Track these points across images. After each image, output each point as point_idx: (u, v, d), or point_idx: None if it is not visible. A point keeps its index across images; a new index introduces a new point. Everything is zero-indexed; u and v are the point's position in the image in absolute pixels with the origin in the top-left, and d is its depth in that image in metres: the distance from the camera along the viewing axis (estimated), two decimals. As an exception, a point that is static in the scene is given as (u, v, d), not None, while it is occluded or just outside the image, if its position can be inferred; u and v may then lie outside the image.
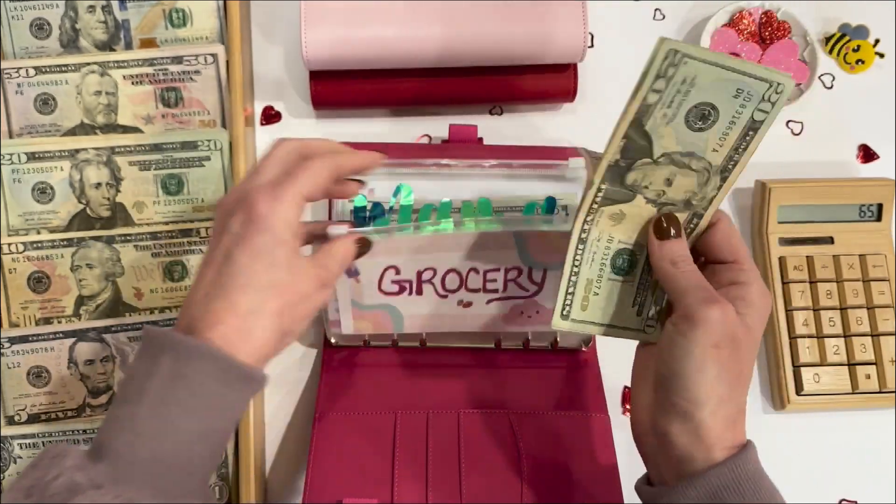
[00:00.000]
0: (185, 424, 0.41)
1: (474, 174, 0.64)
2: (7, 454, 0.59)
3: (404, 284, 0.57)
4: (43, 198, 0.64)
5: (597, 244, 0.47)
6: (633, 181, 0.45)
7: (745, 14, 0.73)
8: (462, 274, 0.56)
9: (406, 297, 0.58)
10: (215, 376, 0.41)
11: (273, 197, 0.44)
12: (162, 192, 0.64)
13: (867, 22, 0.74)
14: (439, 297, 0.58)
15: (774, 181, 0.67)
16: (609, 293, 0.48)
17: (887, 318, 0.66)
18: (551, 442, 0.60)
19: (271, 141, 0.48)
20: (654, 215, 0.46)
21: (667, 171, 0.44)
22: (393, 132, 0.71)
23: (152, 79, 0.65)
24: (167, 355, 0.41)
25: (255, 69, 0.72)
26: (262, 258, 0.43)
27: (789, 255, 0.67)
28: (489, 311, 0.59)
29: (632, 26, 0.75)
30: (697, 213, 0.46)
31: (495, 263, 0.56)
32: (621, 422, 0.64)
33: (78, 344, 0.61)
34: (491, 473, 0.58)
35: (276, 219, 0.43)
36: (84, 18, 0.67)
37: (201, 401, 0.41)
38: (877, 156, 0.73)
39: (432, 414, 0.60)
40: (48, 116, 0.65)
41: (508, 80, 0.68)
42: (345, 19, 0.64)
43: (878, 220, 0.68)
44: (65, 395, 0.61)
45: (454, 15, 0.64)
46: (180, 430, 0.41)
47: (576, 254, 0.47)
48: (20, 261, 0.62)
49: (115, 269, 0.63)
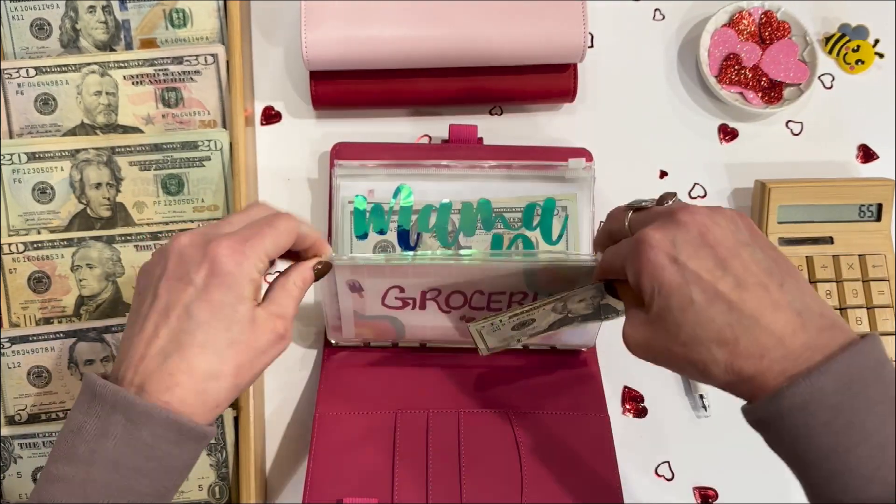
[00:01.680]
0: (139, 487, 0.41)
1: (474, 175, 0.64)
2: (7, 454, 0.59)
3: (408, 301, 0.57)
4: (43, 198, 0.64)
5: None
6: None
7: (745, 14, 0.73)
8: (467, 294, 0.57)
9: (409, 310, 0.58)
10: (171, 439, 0.41)
11: (240, 253, 0.43)
12: (162, 192, 0.64)
13: (867, 22, 0.74)
14: (442, 311, 0.58)
15: (774, 181, 0.68)
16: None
17: (887, 318, 0.66)
18: (551, 442, 0.60)
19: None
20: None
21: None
22: (393, 132, 0.71)
23: (152, 79, 0.65)
24: (120, 415, 0.40)
25: (255, 69, 0.72)
26: (222, 316, 0.43)
27: (789, 255, 0.66)
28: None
29: (632, 26, 0.75)
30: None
31: (502, 288, 0.56)
32: (621, 422, 0.64)
33: (78, 344, 0.61)
34: (491, 473, 0.58)
35: (241, 276, 0.43)
36: (84, 19, 0.67)
37: (157, 463, 0.41)
38: (876, 156, 0.73)
39: (432, 414, 0.60)
40: (48, 116, 0.65)
41: (508, 80, 0.68)
42: (345, 19, 0.64)
43: (877, 220, 0.68)
44: (65, 394, 0.61)
45: (454, 15, 0.65)
46: (134, 492, 0.41)
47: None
48: (20, 261, 0.62)
49: (116, 269, 0.63)
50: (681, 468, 0.64)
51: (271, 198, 0.69)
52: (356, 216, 0.63)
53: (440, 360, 0.64)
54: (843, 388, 0.39)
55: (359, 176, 0.64)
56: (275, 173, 0.70)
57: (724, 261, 0.43)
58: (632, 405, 0.65)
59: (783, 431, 0.40)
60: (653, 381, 0.66)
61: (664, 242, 0.44)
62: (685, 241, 0.43)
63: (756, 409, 0.41)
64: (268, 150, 0.70)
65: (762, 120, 0.73)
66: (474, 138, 0.67)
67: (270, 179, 0.69)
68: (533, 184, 0.63)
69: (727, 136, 0.73)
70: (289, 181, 0.70)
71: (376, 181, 0.64)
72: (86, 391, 0.42)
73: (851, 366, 0.39)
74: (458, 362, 0.64)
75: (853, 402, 0.39)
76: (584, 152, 0.66)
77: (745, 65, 0.72)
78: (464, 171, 0.64)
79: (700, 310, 0.42)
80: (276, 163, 0.70)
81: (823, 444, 0.39)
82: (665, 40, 0.75)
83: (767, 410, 0.40)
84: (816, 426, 0.39)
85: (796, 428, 0.40)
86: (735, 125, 0.73)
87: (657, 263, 0.43)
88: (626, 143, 0.71)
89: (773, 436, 0.41)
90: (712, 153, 0.72)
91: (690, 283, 0.43)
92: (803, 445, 0.39)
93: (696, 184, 0.71)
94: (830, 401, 0.39)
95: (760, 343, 0.41)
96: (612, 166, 0.69)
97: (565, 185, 0.64)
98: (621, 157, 0.70)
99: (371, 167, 0.64)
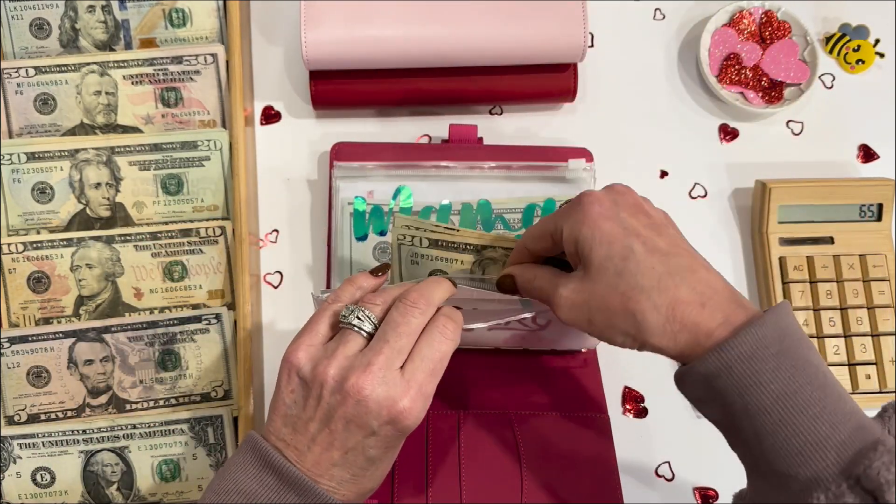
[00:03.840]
0: None
1: (474, 175, 0.64)
2: (7, 454, 0.59)
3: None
4: (43, 198, 0.64)
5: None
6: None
7: (746, 14, 0.73)
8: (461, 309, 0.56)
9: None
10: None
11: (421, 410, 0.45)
12: (162, 192, 0.64)
13: (867, 22, 0.74)
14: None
15: (774, 181, 0.67)
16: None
17: (887, 318, 0.66)
18: (551, 442, 0.60)
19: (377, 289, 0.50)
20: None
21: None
22: (393, 132, 0.71)
23: (152, 79, 0.65)
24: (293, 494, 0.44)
25: (255, 69, 0.72)
26: (395, 452, 0.47)
27: (789, 255, 0.67)
28: (490, 335, 0.59)
29: (632, 26, 0.75)
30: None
31: (499, 314, 0.56)
32: (622, 422, 0.64)
33: (78, 344, 0.61)
34: (491, 473, 0.58)
35: (416, 422, 0.45)
36: (84, 18, 0.67)
37: None
38: (877, 156, 0.73)
39: (432, 414, 0.60)
40: (48, 116, 0.65)
41: (508, 80, 0.68)
42: (345, 19, 0.64)
43: (878, 220, 0.68)
44: (64, 395, 0.61)
45: (454, 15, 0.64)
46: None
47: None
48: (20, 261, 0.62)
49: (115, 269, 0.63)
50: (681, 468, 0.64)
51: (271, 198, 0.69)
52: (356, 217, 0.63)
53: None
54: (781, 338, 0.42)
55: (358, 177, 0.64)
56: (274, 173, 0.70)
57: (657, 227, 0.47)
58: (632, 405, 0.65)
59: (731, 383, 0.42)
60: (653, 381, 0.65)
61: (605, 200, 0.47)
62: (624, 204, 0.47)
63: (705, 361, 0.43)
64: (267, 150, 0.70)
65: (762, 120, 0.73)
66: (474, 138, 0.67)
67: (270, 179, 0.69)
68: (533, 184, 0.63)
69: (727, 136, 0.73)
70: (288, 181, 0.69)
71: (376, 182, 0.64)
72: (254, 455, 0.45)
73: (781, 321, 0.42)
74: (458, 362, 0.63)
75: (792, 349, 0.42)
76: (584, 152, 0.66)
77: (746, 64, 0.72)
78: (463, 171, 0.64)
79: (641, 259, 0.45)
80: (275, 163, 0.70)
81: (773, 390, 0.41)
82: (665, 40, 0.75)
83: (717, 363, 0.42)
84: (765, 372, 0.41)
85: (746, 377, 0.42)
86: (735, 125, 0.73)
87: (599, 214, 0.46)
88: (626, 143, 0.71)
89: (716, 392, 0.43)
90: (713, 153, 0.72)
91: (630, 234, 0.45)
92: (754, 393, 0.41)
93: (697, 184, 0.71)
94: (773, 349, 0.41)
95: (699, 291, 0.44)
96: (612, 166, 0.69)
97: (565, 185, 0.64)
98: (621, 157, 0.70)
99: (370, 168, 0.64)
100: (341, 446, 0.45)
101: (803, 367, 0.41)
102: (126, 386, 0.61)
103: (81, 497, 0.60)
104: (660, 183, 0.71)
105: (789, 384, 0.41)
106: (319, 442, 0.45)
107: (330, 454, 0.45)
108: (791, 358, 0.41)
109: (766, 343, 0.42)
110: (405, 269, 0.54)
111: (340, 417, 0.44)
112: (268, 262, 0.68)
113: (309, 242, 0.68)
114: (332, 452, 0.45)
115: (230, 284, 0.63)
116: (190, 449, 0.60)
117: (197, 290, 0.63)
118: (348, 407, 0.44)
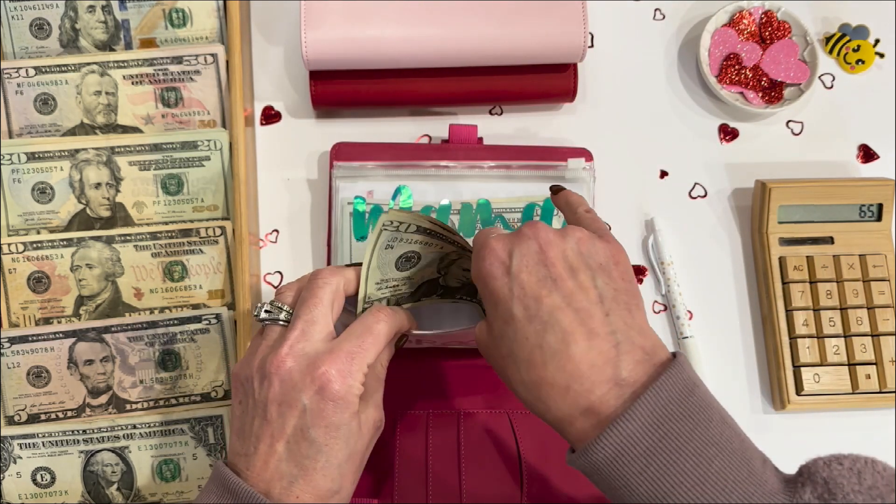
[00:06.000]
0: None
1: (474, 175, 0.64)
2: (7, 454, 0.59)
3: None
4: (43, 198, 0.64)
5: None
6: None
7: (745, 14, 0.73)
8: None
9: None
10: None
11: (348, 375, 0.44)
12: (162, 192, 0.64)
13: (867, 22, 0.74)
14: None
15: (774, 181, 0.67)
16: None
17: (887, 318, 0.66)
18: (551, 442, 0.60)
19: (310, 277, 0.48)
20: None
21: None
22: (393, 132, 0.71)
23: (152, 79, 0.65)
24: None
25: (254, 69, 0.72)
26: (338, 436, 0.44)
27: (789, 255, 0.67)
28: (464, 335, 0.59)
29: (632, 26, 0.75)
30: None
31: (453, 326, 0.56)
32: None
33: (78, 344, 0.61)
34: (491, 473, 0.58)
35: (350, 394, 0.44)
36: (84, 18, 0.67)
37: None
38: (877, 156, 0.73)
39: (432, 414, 0.60)
40: (48, 116, 0.65)
41: (508, 80, 0.68)
42: (345, 19, 0.64)
43: (878, 220, 0.68)
44: (64, 395, 0.61)
45: (454, 15, 0.64)
46: None
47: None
48: (20, 261, 0.62)
49: (115, 269, 0.63)
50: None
51: (271, 198, 0.69)
52: (356, 218, 0.63)
53: (440, 360, 0.64)
54: (651, 430, 0.38)
55: (358, 177, 0.64)
56: (274, 173, 0.70)
57: (556, 279, 0.43)
58: (632, 405, 0.65)
59: (602, 483, 0.40)
60: (653, 381, 0.65)
61: (501, 252, 0.44)
62: (522, 254, 0.44)
63: (575, 461, 0.41)
64: (267, 150, 0.70)
65: (762, 120, 0.73)
66: (474, 138, 0.67)
67: (270, 179, 0.69)
68: (533, 184, 0.63)
69: (727, 136, 0.73)
70: (288, 181, 0.69)
71: (375, 182, 0.64)
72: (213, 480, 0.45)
73: (657, 404, 0.39)
74: (458, 362, 0.64)
75: (664, 443, 0.38)
76: (584, 152, 0.66)
77: (746, 65, 0.72)
78: (463, 171, 0.64)
79: (519, 327, 0.42)
80: (275, 163, 0.70)
81: (643, 492, 0.38)
82: (665, 40, 0.75)
83: (584, 464, 0.40)
84: (632, 476, 0.39)
85: (614, 479, 0.39)
86: (735, 125, 0.73)
87: (490, 272, 0.44)
88: (626, 143, 0.71)
89: (598, 484, 0.41)
90: (712, 153, 0.72)
91: (515, 296, 0.43)
92: (624, 495, 0.39)
93: (697, 184, 0.71)
94: (642, 446, 0.38)
95: (568, 371, 0.41)
96: (612, 166, 0.69)
97: (565, 185, 0.63)
98: (621, 157, 0.70)
99: (370, 168, 0.64)
100: (281, 435, 0.44)
101: (677, 461, 0.38)
102: (126, 386, 0.61)
103: (81, 497, 0.60)
104: (660, 183, 0.71)
105: (660, 485, 0.38)
106: (263, 439, 0.44)
107: (274, 449, 0.44)
108: (663, 454, 0.38)
109: (634, 440, 0.38)
110: (377, 253, 0.51)
111: (272, 402, 0.44)
112: (268, 262, 0.68)
113: (309, 242, 0.68)
114: (276, 446, 0.44)
115: (230, 284, 0.63)
116: (190, 449, 0.60)
117: (197, 291, 0.63)
118: (275, 388, 0.44)
